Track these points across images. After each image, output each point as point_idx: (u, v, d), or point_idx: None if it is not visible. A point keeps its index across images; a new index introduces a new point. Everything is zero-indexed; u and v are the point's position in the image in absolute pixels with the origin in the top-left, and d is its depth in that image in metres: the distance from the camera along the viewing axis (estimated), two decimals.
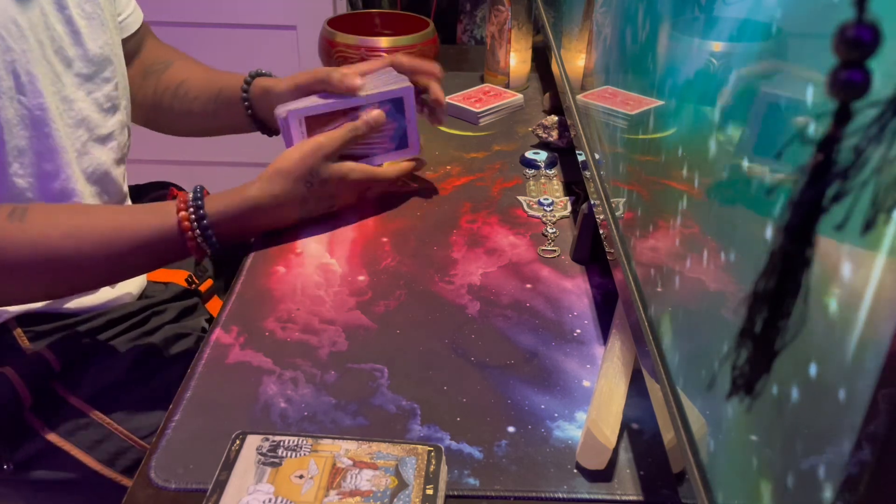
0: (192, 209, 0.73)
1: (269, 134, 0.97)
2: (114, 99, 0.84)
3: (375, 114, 0.84)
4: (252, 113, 0.93)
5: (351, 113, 0.85)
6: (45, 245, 0.68)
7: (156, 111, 0.98)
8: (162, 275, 0.92)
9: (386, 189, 0.90)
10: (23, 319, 0.79)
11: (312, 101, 0.85)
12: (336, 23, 1.24)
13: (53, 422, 0.77)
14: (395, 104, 0.87)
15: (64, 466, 0.77)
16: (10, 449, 0.76)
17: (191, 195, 0.74)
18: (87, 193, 0.81)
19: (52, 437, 0.76)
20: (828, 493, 0.29)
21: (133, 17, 0.94)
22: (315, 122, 0.84)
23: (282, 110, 0.84)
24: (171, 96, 0.97)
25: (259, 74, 0.93)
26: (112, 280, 0.77)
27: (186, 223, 0.73)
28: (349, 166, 0.82)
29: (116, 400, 0.79)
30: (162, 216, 0.73)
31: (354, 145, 0.84)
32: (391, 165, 0.88)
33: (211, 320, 0.91)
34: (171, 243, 0.73)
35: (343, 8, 1.86)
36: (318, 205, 0.83)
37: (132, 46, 0.95)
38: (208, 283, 0.94)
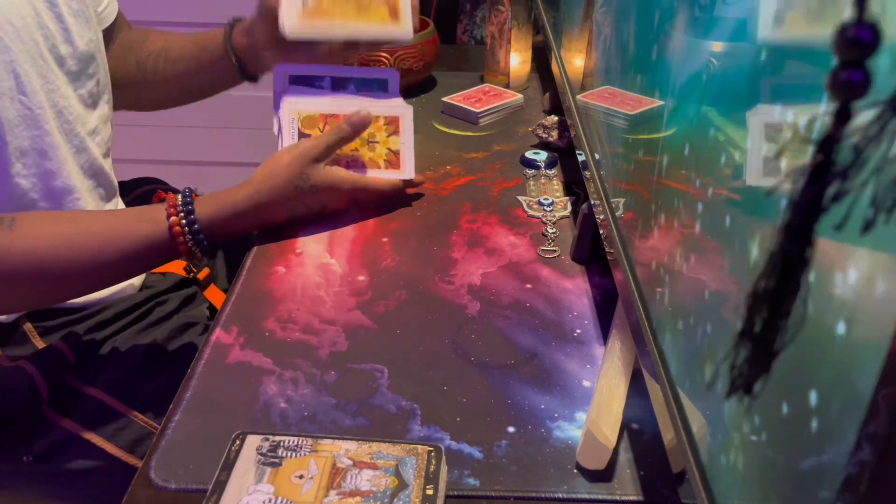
0: (182, 214, 0.74)
1: (253, 80, 0.97)
2: (95, 94, 0.84)
3: (363, 114, 0.83)
4: (235, 55, 0.93)
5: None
6: (35, 256, 0.68)
7: (142, 85, 0.98)
8: None
9: (376, 200, 0.89)
10: (32, 315, 0.80)
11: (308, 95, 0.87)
12: None
13: (73, 413, 0.77)
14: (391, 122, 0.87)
15: (85, 455, 0.77)
16: (29, 441, 0.77)
17: (180, 199, 0.75)
18: (84, 188, 0.82)
19: (73, 428, 0.77)
20: (828, 493, 0.29)
21: (111, 8, 0.94)
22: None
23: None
24: (154, 63, 0.97)
25: (239, 20, 0.94)
26: (104, 286, 0.78)
27: (178, 229, 0.73)
28: (340, 176, 0.82)
29: (133, 390, 0.79)
30: (153, 223, 0.73)
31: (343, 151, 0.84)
32: (383, 178, 0.86)
33: (212, 308, 0.91)
34: (162, 249, 0.74)
35: None
36: (308, 210, 0.83)
37: (109, 34, 0.95)
38: (205, 271, 0.94)
